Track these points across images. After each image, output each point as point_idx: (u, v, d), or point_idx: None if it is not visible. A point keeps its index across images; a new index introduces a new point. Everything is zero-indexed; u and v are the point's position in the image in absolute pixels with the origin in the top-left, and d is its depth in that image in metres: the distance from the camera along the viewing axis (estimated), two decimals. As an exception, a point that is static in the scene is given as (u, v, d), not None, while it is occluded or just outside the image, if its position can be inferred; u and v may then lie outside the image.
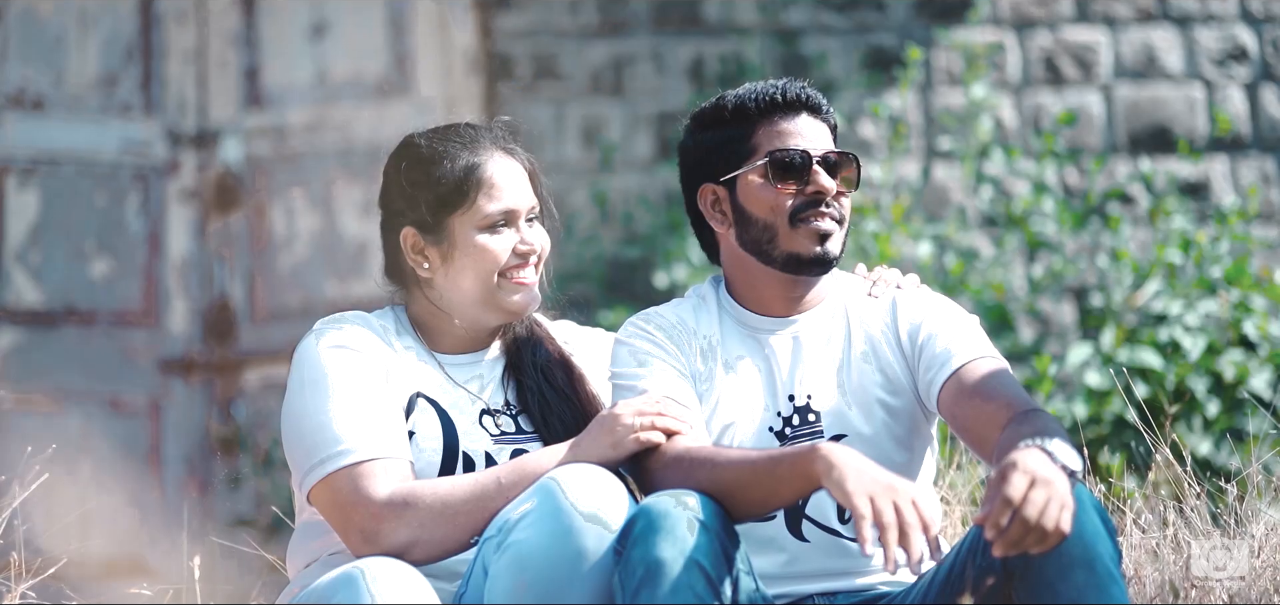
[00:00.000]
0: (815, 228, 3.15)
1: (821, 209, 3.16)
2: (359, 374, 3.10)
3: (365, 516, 2.98)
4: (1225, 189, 6.84)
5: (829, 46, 6.89)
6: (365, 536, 2.98)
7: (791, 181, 3.16)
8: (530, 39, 6.87)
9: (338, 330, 3.15)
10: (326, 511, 3.04)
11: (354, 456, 3.01)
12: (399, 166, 3.24)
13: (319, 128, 6.85)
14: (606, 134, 6.82)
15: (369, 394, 3.08)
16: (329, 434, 3.04)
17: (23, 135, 6.76)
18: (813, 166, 3.15)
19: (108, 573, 6.20)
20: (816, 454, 2.80)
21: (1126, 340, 6.05)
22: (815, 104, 3.22)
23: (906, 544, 2.70)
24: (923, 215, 6.69)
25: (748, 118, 3.20)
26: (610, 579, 2.81)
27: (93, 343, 6.74)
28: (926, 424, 3.22)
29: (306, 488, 3.05)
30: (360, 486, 3.00)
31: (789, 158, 3.16)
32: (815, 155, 3.16)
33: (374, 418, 3.06)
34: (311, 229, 6.84)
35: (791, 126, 3.19)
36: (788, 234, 3.16)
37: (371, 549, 2.96)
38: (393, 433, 3.06)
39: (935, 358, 3.13)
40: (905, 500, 2.72)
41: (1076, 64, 6.93)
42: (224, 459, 6.70)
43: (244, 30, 6.90)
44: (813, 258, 3.16)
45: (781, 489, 2.86)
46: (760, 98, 3.20)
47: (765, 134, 3.18)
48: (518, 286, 3.20)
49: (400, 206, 3.22)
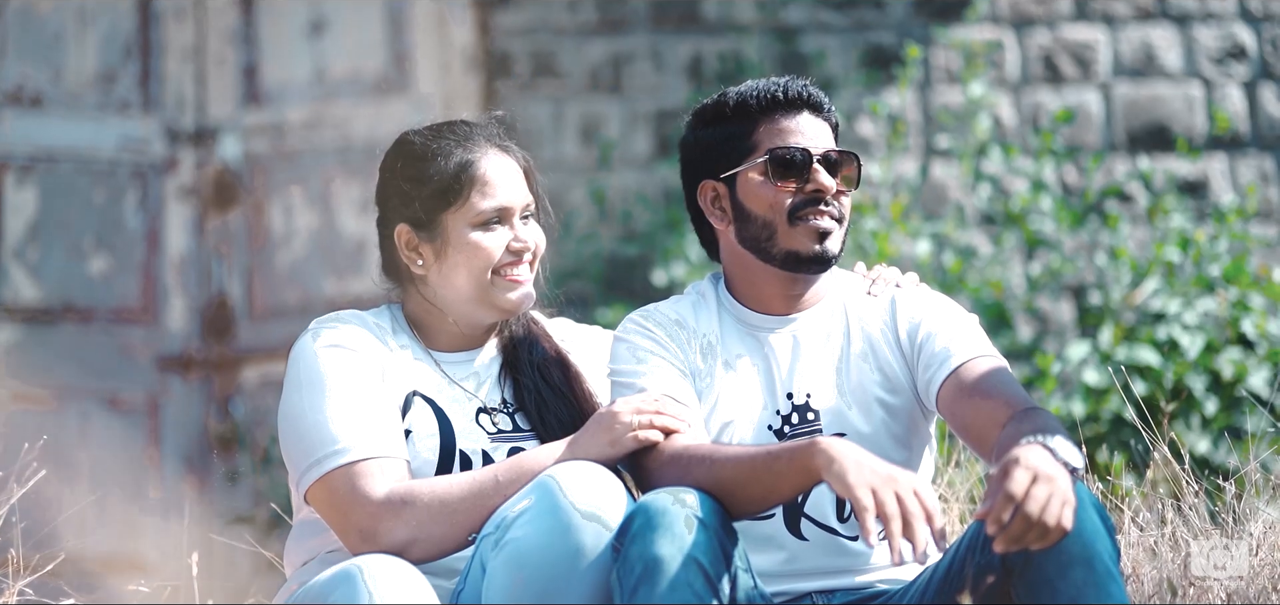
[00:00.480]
0: (814, 226, 3.15)
1: (821, 207, 3.16)
2: (355, 373, 3.09)
3: (363, 516, 2.98)
4: (1224, 187, 6.85)
5: (827, 44, 6.88)
6: (363, 535, 2.98)
7: (792, 179, 3.16)
8: (529, 36, 6.87)
9: (333, 329, 3.14)
10: (324, 511, 3.04)
11: (351, 455, 3.01)
12: (394, 163, 3.24)
13: (317, 125, 6.84)
14: (605, 132, 6.82)
15: (365, 393, 3.08)
16: (326, 433, 3.04)
17: (21, 132, 6.75)
18: (813, 164, 3.15)
19: (106, 569, 6.20)
20: (816, 448, 2.80)
21: (1125, 338, 6.05)
22: (817, 102, 3.22)
23: (911, 535, 2.70)
24: (921, 213, 6.69)
25: (749, 115, 3.20)
26: (608, 576, 2.81)
27: (91, 340, 6.74)
28: (925, 423, 3.22)
29: (304, 487, 3.05)
30: (357, 486, 3.00)
31: (789, 155, 3.15)
32: (816, 153, 3.16)
33: (370, 417, 3.06)
34: (310, 226, 6.84)
35: (792, 124, 3.19)
36: (787, 232, 3.16)
37: (370, 547, 2.96)
38: (389, 432, 3.06)
39: (934, 356, 3.13)
40: (907, 491, 2.72)
41: (1075, 62, 6.93)
42: (222, 456, 6.70)
43: (242, 28, 6.90)
44: (811, 256, 3.16)
45: (780, 484, 2.86)
46: (762, 95, 3.20)
47: (766, 131, 3.18)
48: (512, 284, 3.20)
49: (395, 203, 3.22)
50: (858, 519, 2.71)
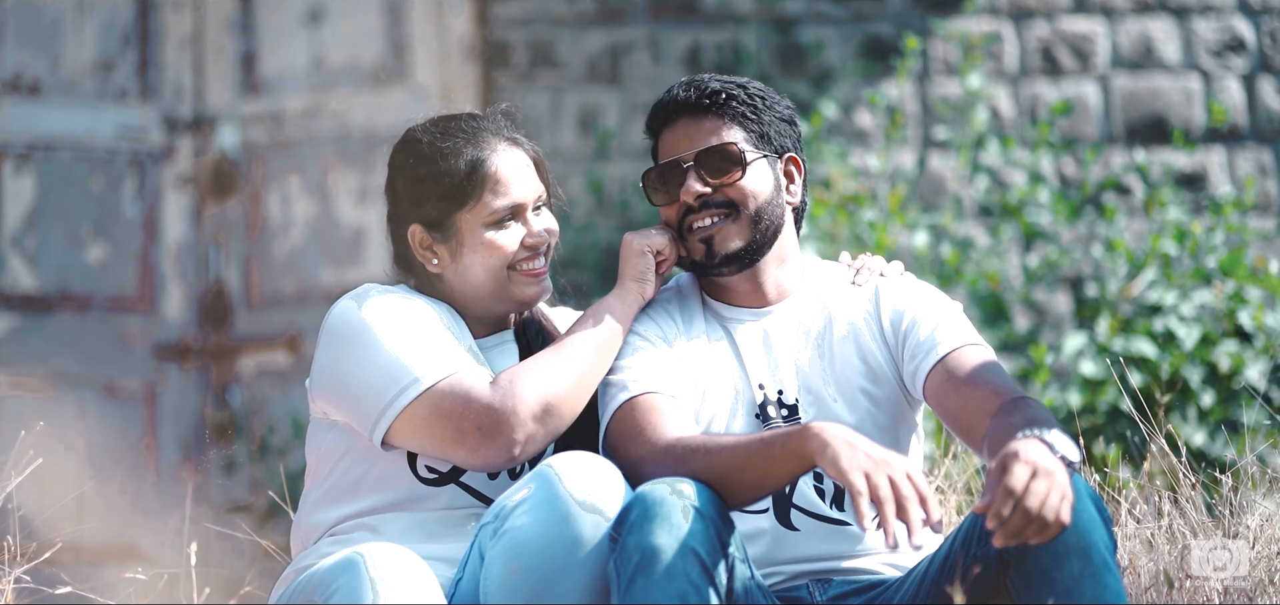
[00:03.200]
0: (696, 233, 3.19)
1: (692, 216, 3.18)
2: (427, 311, 3.11)
3: (482, 410, 2.98)
4: (1222, 180, 6.85)
5: (826, 35, 6.88)
6: (485, 432, 2.98)
7: (662, 196, 3.22)
8: (527, 26, 6.86)
9: (382, 294, 3.14)
10: (425, 429, 3.02)
11: (448, 368, 3.01)
12: (404, 163, 3.22)
13: (315, 114, 6.84)
14: (603, 122, 6.81)
15: (441, 328, 3.10)
16: (417, 356, 3.03)
17: (19, 120, 6.75)
18: (679, 176, 3.18)
19: (102, 557, 6.20)
20: (809, 433, 2.80)
21: (1121, 330, 6.05)
22: (690, 102, 3.23)
23: (905, 517, 2.70)
24: (918, 205, 6.69)
25: (652, 133, 3.28)
26: (606, 566, 2.81)
27: (88, 328, 6.74)
28: (911, 412, 3.22)
29: (397, 410, 3.02)
30: (465, 387, 3.00)
31: (655, 175, 3.23)
32: (685, 161, 3.19)
33: (454, 346, 3.08)
34: (307, 215, 6.83)
35: (670, 136, 3.24)
36: (685, 242, 3.22)
37: (494, 445, 2.97)
38: (466, 356, 3.08)
39: (920, 345, 3.13)
40: (900, 473, 2.73)
41: (1073, 54, 6.93)
42: (219, 445, 6.70)
43: (241, 16, 6.89)
44: (705, 262, 3.21)
45: (775, 470, 2.86)
46: (654, 113, 3.26)
47: (660, 150, 3.25)
48: (528, 279, 3.20)
49: (406, 203, 3.21)
50: (852, 503, 2.72)
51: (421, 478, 3.11)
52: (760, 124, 3.21)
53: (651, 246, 3.21)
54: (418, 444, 3.03)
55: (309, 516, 3.17)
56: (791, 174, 3.26)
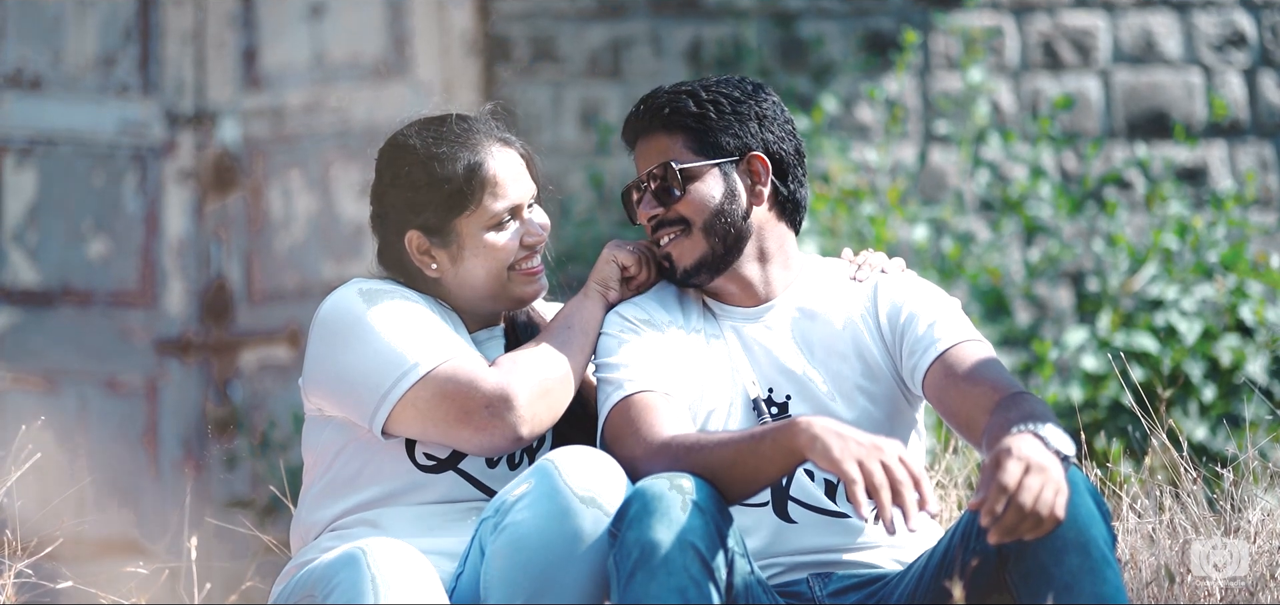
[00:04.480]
0: (661, 250, 3.25)
1: (657, 233, 3.24)
2: (419, 303, 3.14)
3: (489, 390, 3.01)
4: (1223, 174, 6.84)
5: (826, 29, 6.88)
6: (494, 411, 3.01)
7: (632, 215, 3.28)
8: (528, 21, 6.86)
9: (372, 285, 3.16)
10: (429, 412, 3.03)
11: (447, 353, 3.04)
12: (396, 169, 3.21)
13: (316, 109, 6.84)
14: (604, 116, 6.81)
15: (435, 318, 3.12)
16: (414, 343, 3.05)
17: (20, 115, 6.75)
18: (636, 199, 3.25)
19: (103, 552, 6.20)
20: (797, 428, 2.80)
21: (1123, 325, 6.05)
22: (640, 120, 3.27)
23: (900, 501, 2.70)
24: (919, 199, 6.69)
25: (630, 151, 3.31)
26: (605, 561, 2.81)
27: (89, 323, 6.74)
28: (910, 409, 3.22)
29: (398, 395, 3.03)
30: (467, 371, 3.02)
31: (627, 196, 3.28)
32: (641, 183, 3.25)
33: (450, 333, 3.11)
34: (309, 210, 6.83)
35: (637, 155, 3.30)
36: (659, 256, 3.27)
37: (500, 425, 3.00)
38: (470, 347, 3.12)
39: (918, 341, 3.13)
40: (892, 458, 2.73)
41: (1075, 49, 6.93)
42: (220, 440, 6.70)
43: (242, 11, 6.89)
44: (673, 276, 3.25)
45: (766, 466, 2.86)
46: (622, 132, 3.30)
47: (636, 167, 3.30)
48: (527, 278, 3.22)
49: (401, 209, 3.20)
50: (848, 494, 2.71)
51: (420, 465, 3.11)
52: (710, 132, 3.20)
53: (619, 260, 3.27)
54: (420, 429, 3.04)
55: (309, 513, 3.17)
56: (758, 172, 3.23)
